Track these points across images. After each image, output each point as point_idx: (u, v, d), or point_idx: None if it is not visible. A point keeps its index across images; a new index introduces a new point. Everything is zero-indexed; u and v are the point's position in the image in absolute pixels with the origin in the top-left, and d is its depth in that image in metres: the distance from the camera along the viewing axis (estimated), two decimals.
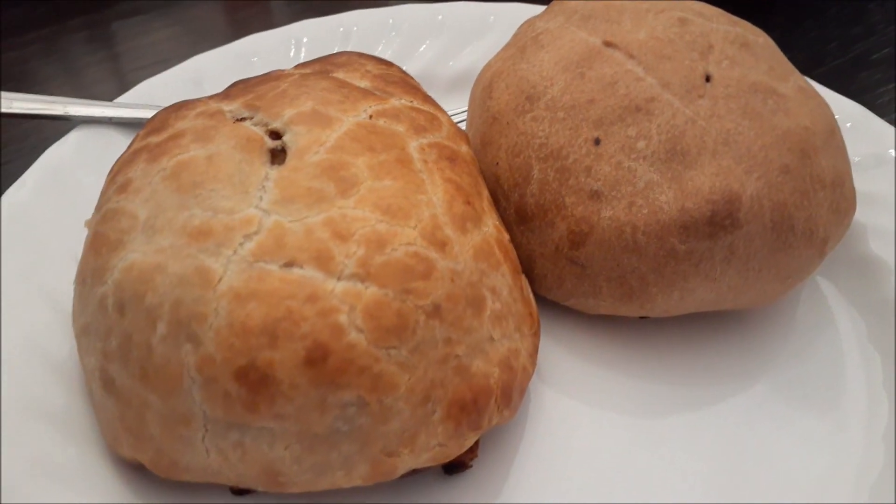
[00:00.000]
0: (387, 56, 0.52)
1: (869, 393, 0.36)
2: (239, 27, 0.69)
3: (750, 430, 0.34)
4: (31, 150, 0.51)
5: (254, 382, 0.26)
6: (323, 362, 0.26)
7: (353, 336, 0.26)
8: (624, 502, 0.32)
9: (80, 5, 0.68)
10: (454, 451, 0.29)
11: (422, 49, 0.53)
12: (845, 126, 0.45)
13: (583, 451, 0.34)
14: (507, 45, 0.42)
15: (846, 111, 0.45)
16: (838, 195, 0.35)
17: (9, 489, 0.29)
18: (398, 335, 0.27)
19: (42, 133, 0.52)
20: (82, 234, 0.38)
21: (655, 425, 0.35)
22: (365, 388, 0.26)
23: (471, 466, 0.32)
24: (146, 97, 0.47)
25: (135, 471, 0.31)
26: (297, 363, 0.26)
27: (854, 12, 0.66)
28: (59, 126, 0.46)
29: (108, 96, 0.48)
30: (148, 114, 0.45)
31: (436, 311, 0.28)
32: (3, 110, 0.42)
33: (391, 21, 0.54)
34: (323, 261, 0.27)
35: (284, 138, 0.31)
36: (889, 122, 0.48)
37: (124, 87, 0.59)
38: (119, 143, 0.44)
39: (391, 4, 0.56)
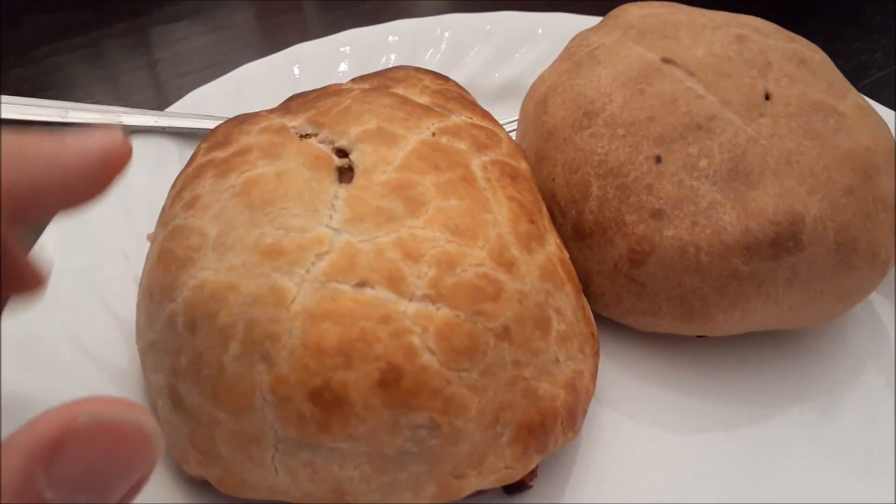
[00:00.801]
0: (432, 66, 0.52)
1: None
2: (274, 33, 0.70)
3: (808, 451, 0.34)
4: None
5: (328, 403, 0.26)
6: (396, 384, 0.26)
7: (426, 358, 0.26)
8: None
9: (118, 11, 0.68)
10: (519, 472, 0.29)
11: (468, 59, 0.53)
12: None
13: (639, 469, 0.34)
14: (561, 59, 0.42)
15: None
16: None
17: None
18: (469, 357, 0.27)
19: None
20: (139, 243, 0.38)
21: (712, 444, 0.34)
22: (437, 409, 0.26)
23: (531, 486, 0.32)
24: (195, 107, 0.47)
25: (198, 486, 0.31)
26: (371, 384, 0.26)
27: None
28: None
29: (149, 102, 0.49)
30: (199, 123, 0.45)
31: (505, 333, 0.28)
32: (60, 120, 0.43)
33: (437, 31, 0.54)
34: (395, 281, 0.27)
35: (351, 156, 0.31)
36: None
37: (163, 93, 0.60)
38: (171, 151, 0.45)
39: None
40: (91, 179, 0.23)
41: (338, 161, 0.31)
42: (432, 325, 0.27)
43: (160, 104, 0.48)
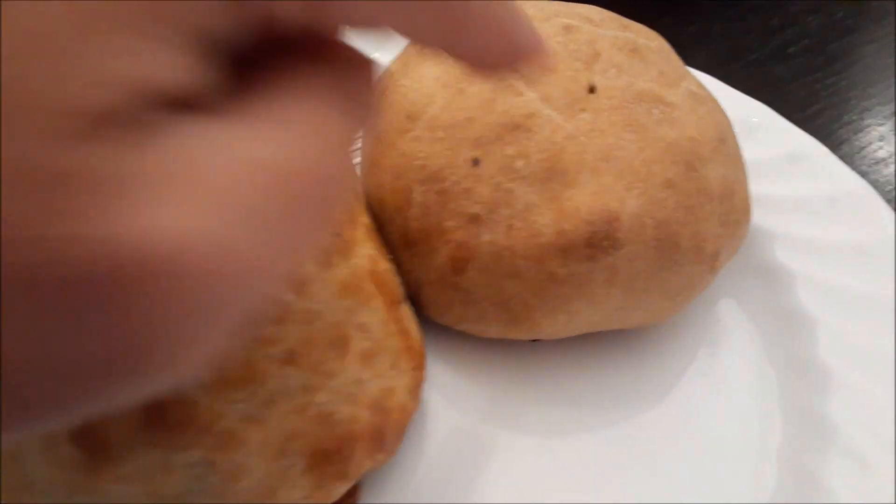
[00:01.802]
0: None
1: (763, 410, 0.35)
2: None
3: (646, 449, 0.34)
4: None
5: (91, 445, 0.24)
6: (161, 422, 0.24)
7: (193, 392, 0.25)
8: None
9: None
10: (323, 501, 0.28)
11: None
12: (753, 126, 0.44)
13: (479, 477, 0.33)
14: (398, 56, 0.41)
15: (754, 111, 0.45)
16: (728, 207, 0.34)
17: None
18: (245, 387, 0.25)
19: None
20: None
21: (555, 447, 0.34)
22: (209, 446, 0.25)
23: None
24: None
25: None
26: (134, 424, 0.24)
27: (774, 2, 0.65)
28: None
29: None
30: None
31: (290, 358, 0.26)
32: None
33: None
34: None
35: None
36: (802, 117, 0.47)
37: None
38: None
39: None
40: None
41: None
42: None
43: None
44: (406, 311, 0.33)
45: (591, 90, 0.34)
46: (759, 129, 0.43)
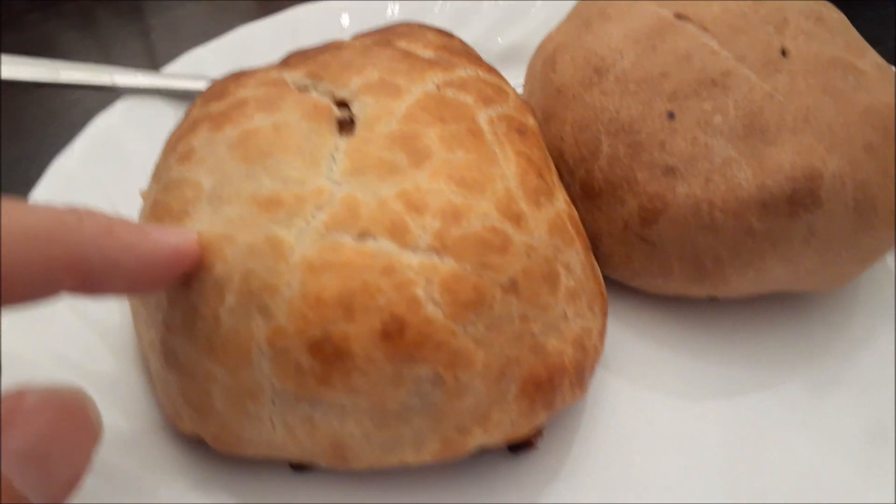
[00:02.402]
0: None
1: None
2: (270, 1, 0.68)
3: (819, 417, 0.33)
4: (74, 122, 0.50)
5: (328, 355, 0.25)
6: (400, 336, 0.25)
7: (431, 310, 0.25)
8: (686, 484, 0.31)
9: None
10: (525, 429, 0.28)
11: (471, 23, 0.52)
12: None
13: (644, 434, 0.33)
14: (569, 18, 0.41)
15: None
16: None
17: None
18: (475, 310, 0.26)
19: (84, 104, 0.51)
20: (133, 202, 0.37)
21: (721, 410, 0.33)
22: (442, 363, 0.25)
23: (536, 447, 0.31)
24: (193, 67, 0.46)
25: (192, 444, 0.30)
26: (373, 336, 0.25)
27: None
28: (102, 98, 0.45)
29: (144, 68, 0.47)
30: (196, 84, 0.44)
31: (512, 287, 0.27)
32: (52, 80, 0.41)
33: None
34: (398, 233, 0.26)
35: (352, 108, 0.30)
36: None
37: (157, 61, 0.58)
38: (167, 113, 0.43)
39: None
40: (157, 273, 0.24)
41: (338, 113, 0.30)
42: (437, 277, 0.26)
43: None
44: (594, 259, 0.33)
45: (784, 53, 0.34)
46: None
